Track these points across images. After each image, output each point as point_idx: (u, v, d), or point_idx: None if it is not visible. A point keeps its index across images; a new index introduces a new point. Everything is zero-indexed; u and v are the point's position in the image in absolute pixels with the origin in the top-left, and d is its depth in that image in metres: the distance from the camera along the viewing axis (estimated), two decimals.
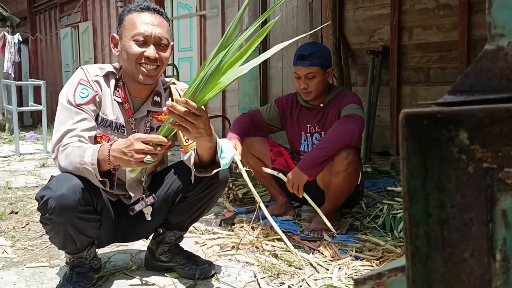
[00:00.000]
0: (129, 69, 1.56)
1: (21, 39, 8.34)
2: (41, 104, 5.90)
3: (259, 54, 1.37)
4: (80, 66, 9.27)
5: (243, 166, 2.01)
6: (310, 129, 2.46)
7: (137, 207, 1.62)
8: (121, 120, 1.60)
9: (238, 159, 1.98)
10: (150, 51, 1.51)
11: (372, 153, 4.37)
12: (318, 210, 1.99)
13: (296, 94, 2.55)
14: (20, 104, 7.49)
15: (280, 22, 5.36)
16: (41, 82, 6.07)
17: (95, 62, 8.91)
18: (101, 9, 8.71)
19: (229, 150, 1.54)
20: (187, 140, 1.58)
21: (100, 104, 1.58)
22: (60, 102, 1.54)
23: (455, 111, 0.49)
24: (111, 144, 1.39)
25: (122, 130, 1.61)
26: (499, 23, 0.52)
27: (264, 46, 5.49)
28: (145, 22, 1.52)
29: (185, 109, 1.27)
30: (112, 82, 1.61)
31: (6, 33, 8.07)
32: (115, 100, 1.60)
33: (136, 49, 1.51)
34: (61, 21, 9.91)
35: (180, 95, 1.64)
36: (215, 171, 1.49)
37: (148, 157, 1.31)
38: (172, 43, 1.61)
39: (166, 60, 1.57)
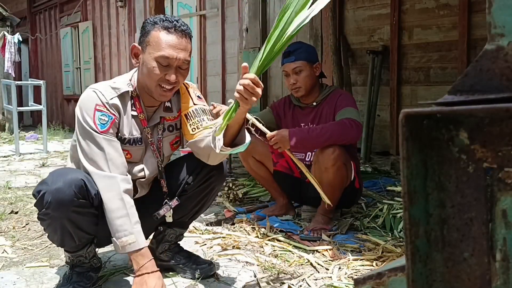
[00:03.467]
0: (147, 86, 1.56)
1: (21, 39, 8.34)
2: (41, 104, 5.90)
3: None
4: (80, 66, 9.23)
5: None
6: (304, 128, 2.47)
7: (162, 212, 1.66)
8: (137, 134, 1.62)
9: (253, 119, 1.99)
10: (172, 75, 1.51)
11: (372, 153, 4.37)
12: (310, 176, 1.98)
13: (290, 96, 2.58)
14: (20, 104, 7.49)
15: None
16: (41, 82, 6.07)
17: (95, 62, 8.91)
18: (101, 9, 8.71)
19: (246, 136, 1.55)
20: (193, 130, 1.62)
21: (118, 125, 1.59)
22: (83, 126, 1.52)
23: (455, 111, 0.49)
24: (144, 262, 1.50)
25: (140, 143, 1.64)
26: (499, 23, 0.52)
27: None
28: (171, 45, 1.50)
29: (249, 82, 1.37)
30: (128, 102, 1.60)
31: (6, 33, 8.07)
32: (131, 115, 1.61)
33: (158, 71, 1.51)
34: (61, 21, 9.91)
35: (187, 88, 1.69)
36: (236, 150, 1.51)
37: None
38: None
39: (182, 81, 1.59)
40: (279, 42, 1.34)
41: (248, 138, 1.52)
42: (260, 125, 2.09)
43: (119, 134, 1.59)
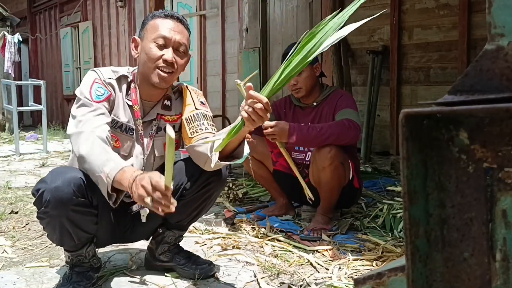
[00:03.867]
0: (146, 71, 1.57)
1: (21, 39, 8.34)
2: (41, 104, 5.90)
3: (259, 54, 1.39)
4: (80, 66, 9.22)
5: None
6: None
7: (135, 207, 1.64)
8: (132, 123, 1.63)
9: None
10: (168, 54, 1.54)
11: (372, 153, 4.37)
12: (301, 179, 2.01)
13: (290, 96, 2.58)
14: (20, 104, 7.49)
15: (280, 22, 5.36)
16: (41, 82, 6.07)
17: (95, 62, 8.91)
18: (101, 9, 8.71)
19: (245, 148, 1.55)
20: (192, 133, 1.61)
21: (113, 105, 1.59)
22: (78, 98, 1.55)
23: (455, 111, 0.49)
24: (133, 172, 1.34)
25: (131, 133, 1.63)
26: (499, 23, 0.52)
27: (264, 45, 5.50)
28: (167, 27, 1.56)
29: (262, 106, 1.33)
30: (124, 85, 1.63)
31: (6, 33, 8.07)
32: (126, 103, 1.62)
33: (155, 51, 1.54)
34: (61, 21, 9.91)
35: (190, 92, 1.69)
36: (233, 163, 1.51)
37: (149, 202, 1.25)
38: (189, 54, 1.65)
39: (181, 66, 1.59)
40: (298, 68, 1.33)
41: (246, 150, 1.51)
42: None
43: (113, 116, 1.59)
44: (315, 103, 2.46)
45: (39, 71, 11.06)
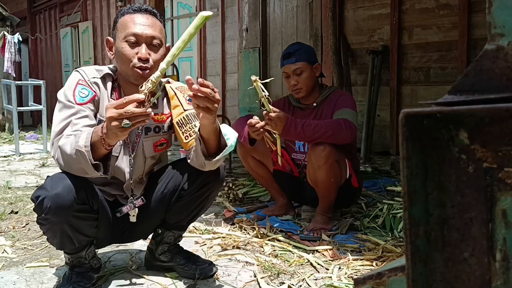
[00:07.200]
0: (123, 71, 1.55)
1: (21, 39, 8.34)
2: (41, 104, 5.90)
3: (259, 54, 1.39)
4: (80, 66, 9.23)
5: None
6: None
7: (124, 209, 1.60)
8: None
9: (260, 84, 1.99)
10: (142, 51, 1.50)
11: (372, 152, 4.37)
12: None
13: (289, 97, 2.58)
14: (20, 104, 7.50)
15: (280, 22, 5.36)
16: (41, 82, 6.07)
17: (95, 62, 8.92)
18: (101, 8, 8.71)
19: (231, 132, 1.54)
20: (186, 137, 1.58)
21: (98, 105, 1.56)
22: (59, 101, 1.51)
23: (455, 110, 0.49)
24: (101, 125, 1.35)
25: None
26: (499, 22, 0.52)
27: (264, 45, 5.50)
28: (137, 23, 1.52)
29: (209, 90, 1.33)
30: (109, 84, 1.60)
31: (6, 33, 8.07)
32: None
33: (128, 50, 1.51)
34: (61, 20, 9.91)
35: (175, 93, 1.65)
36: (224, 153, 1.49)
37: (125, 121, 1.26)
38: (168, 44, 1.60)
39: (158, 61, 1.52)
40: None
41: (231, 138, 1.49)
42: (265, 101, 2.07)
43: (99, 116, 1.55)
44: (314, 104, 2.45)
45: (39, 71, 11.06)
